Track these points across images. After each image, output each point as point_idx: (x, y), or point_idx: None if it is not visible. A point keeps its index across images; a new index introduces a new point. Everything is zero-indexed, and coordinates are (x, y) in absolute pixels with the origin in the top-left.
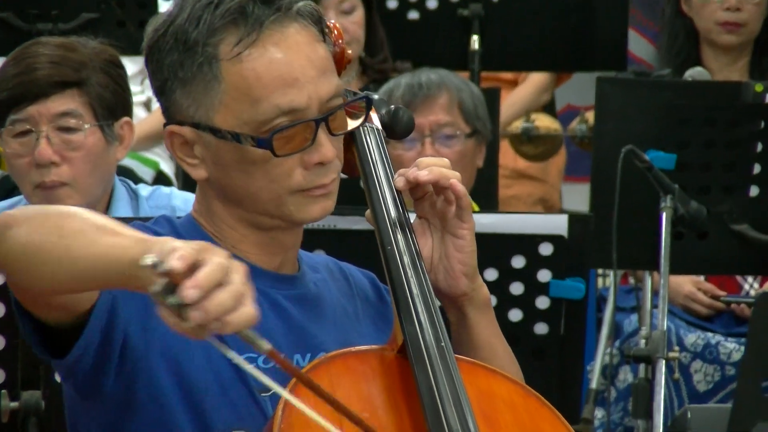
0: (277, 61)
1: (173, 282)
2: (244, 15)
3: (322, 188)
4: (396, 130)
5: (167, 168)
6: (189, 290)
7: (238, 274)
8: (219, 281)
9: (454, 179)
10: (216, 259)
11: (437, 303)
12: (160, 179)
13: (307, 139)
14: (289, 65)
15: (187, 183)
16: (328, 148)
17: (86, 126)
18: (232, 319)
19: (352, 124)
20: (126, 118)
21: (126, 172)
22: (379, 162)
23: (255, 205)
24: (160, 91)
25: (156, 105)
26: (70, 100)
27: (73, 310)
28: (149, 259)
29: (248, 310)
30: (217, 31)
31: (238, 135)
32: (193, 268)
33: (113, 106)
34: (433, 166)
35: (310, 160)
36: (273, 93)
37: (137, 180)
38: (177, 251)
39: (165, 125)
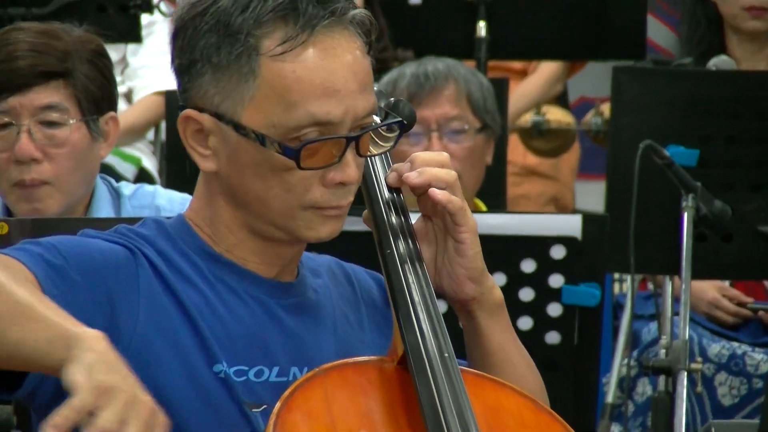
0: (321, 68)
1: None
2: (296, 12)
3: (336, 209)
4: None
5: (150, 164)
6: None
7: (138, 422)
8: None
9: (434, 189)
10: (112, 408)
11: (441, 310)
12: (143, 176)
13: (334, 155)
14: (332, 74)
15: (171, 180)
16: (353, 169)
17: (71, 121)
18: None
19: (378, 147)
20: (112, 113)
21: (105, 169)
22: (377, 159)
23: (263, 212)
24: (183, 70)
25: (138, 96)
26: (55, 93)
27: None
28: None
29: None
30: (265, 23)
31: (264, 137)
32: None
33: (99, 99)
34: (426, 167)
35: (333, 178)
36: (310, 100)
37: (118, 178)
38: (72, 405)
39: (180, 108)
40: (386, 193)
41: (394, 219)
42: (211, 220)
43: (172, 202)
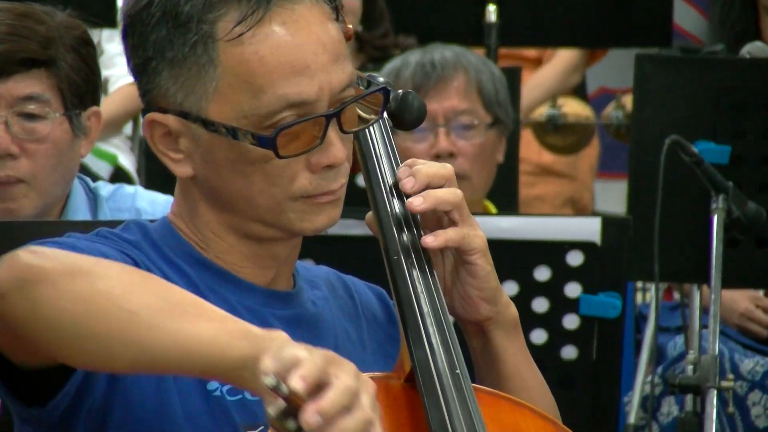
0: (285, 44)
1: (293, 404)
2: None
3: (329, 194)
4: (405, 119)
5: (127, 162)
6: (311, 417)
7: (367, 397)
8: (345, 406)
9: (431, 237)
10: (344, 378)
11: (452, 323)
12: (119, 175)
13: (316, 137)
14: (299, 49)
15: (150, 180)
16: (339, 148)
17: (53, 114)
18: None
19: (364, 121)
20: (95, 108)
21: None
22: (384, 156)
23: (249, 212)
24: (140, 70)
25: (114, 86)
26: (36, 82)
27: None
28: (269, 380)
29: None
30: (215, 5)
31: (235, 130)
32: (317, 387)
33: (83, 92)
34: (430, 191)
35: (318, 162)
36: (279, 81)
37: (94, 177)
38: (299, 366)
39: (144, 112)
40: (393, 193)
41: (402, 222)
42: (196, 227)
43: (154, 204)
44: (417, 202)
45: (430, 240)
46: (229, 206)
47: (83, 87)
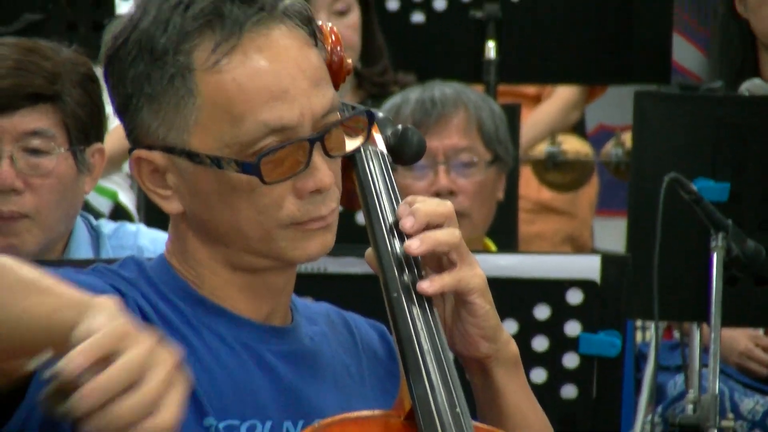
0: (262, 70)
1: (71, 384)
2: (221, 16)
3: (319, 221)
4: (404, 154)
5: (126, 199)
6: (83, 398)
7: (160, 372)
8: (129, 382)
9: (427, 283)
10: (132, 352)
11: (453, 359)
12: (119, 212)
13: (300, 162)
14: (276, 75)
15: (150, 217)
16: (325, 172)
17: (58, 150)
18: None
19: (351, 144)
20: (99, 145)
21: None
22: (383, 192)
23: (240, 243)
24: (122, 109)
25: (114, 122)
26: (42, 117)
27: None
28: (38, 364)
29: (163, 421)
30: (190, 35)
31: (219, 159)
32: (106, 360)
33: (89, 128)
34: (427, 232)
35: (304, 187)
36: (259, 108)
37: (96, 215)
38: (90, 342)
39: (130, 150)
40: (393, 230)
41: (401, 259)
42: (189, 264)
43: (156, 242)
44: (414, 245)
45: (426, 286)
46: (220, 239)
47: (88, 123)
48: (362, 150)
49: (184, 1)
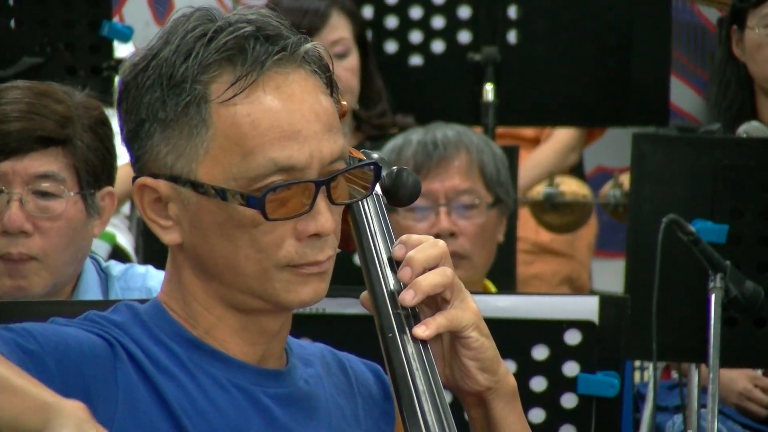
0: (277, 109)
1: None
2: (243, 52)
3: (315, 265)
4: (399, 195)
5: (125, 241)
6: None
7: None
8: None
9: (422, 328)
10: None
11: (447, 401)
12: (117, 254)
13: (304, 204)
14: (290, 115)
15: (148, 259)
16: (327, 218)
17: (68, 193)
18: None
19: (354, 194)
20: (109, 188)
21: None
22: (378, 233)
23: (235, 280)
24: (133, 135)
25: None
26: (52, 161)
27: None
28: None
29: None
30: (210, 67)
31: (224, 191)
32: None
33: (99, 172)
34: (419, 281)
35: (306, 229)
36: (270, 145)
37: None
38: None
39: (135, 178)
40: (388, 272)
41: (396, 300)
42: (184, 301)
43: None
44: (408, 297)
45: (420, 331)
46: (215, 275)
47: (99, 167)
48: None
49: (208, 33)
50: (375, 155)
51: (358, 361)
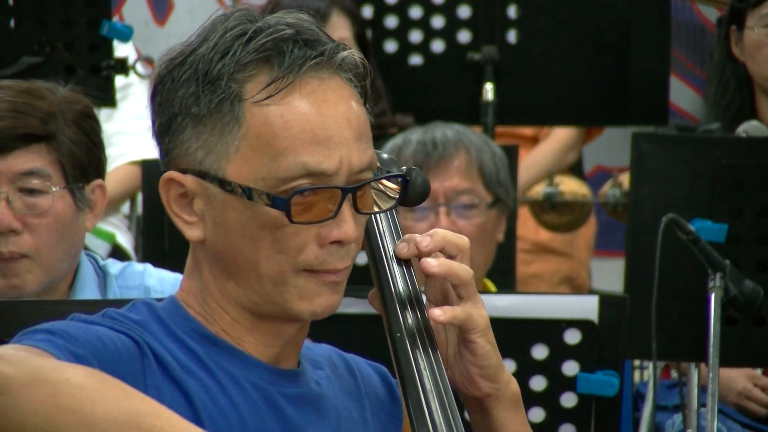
0: (311, 113)
1: None
2: (281, 54)
3: (333, 273)
4: (408, 195)
5: (125, 241)
6: None
7: None
8: None
9: (439, 311)
10: None
11: (455, 401)
12: (117, 254)
13: (330, 210)
14: (324, 119)
15: (148, 258)
16: (351, 225)
17: (54, 188)
18: None
19: (380, 205)
20: (99, 181)
21: None
22: (387, 233)
23: (253, 282)
24: (164, 129)
25: (112, 165)
26: (36, 157)
27: None
28: None
29: None
30: (247, 66)
31: (251, 190)
32: None
33: (86, 165)
34: (447, 260)
35: (328, 235)
36: (300, 148)
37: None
38: None
39: (162, 171)
40: (396, 271)
41: (404, 300)
42: (202, 298)
43: (163, 282)
44: (432, 264)
45: (438, 313)
46: (233, 274)
47: (85, 160)
48: None
49: (247, 33)
50: (384, 155)
51: (364, 363)
